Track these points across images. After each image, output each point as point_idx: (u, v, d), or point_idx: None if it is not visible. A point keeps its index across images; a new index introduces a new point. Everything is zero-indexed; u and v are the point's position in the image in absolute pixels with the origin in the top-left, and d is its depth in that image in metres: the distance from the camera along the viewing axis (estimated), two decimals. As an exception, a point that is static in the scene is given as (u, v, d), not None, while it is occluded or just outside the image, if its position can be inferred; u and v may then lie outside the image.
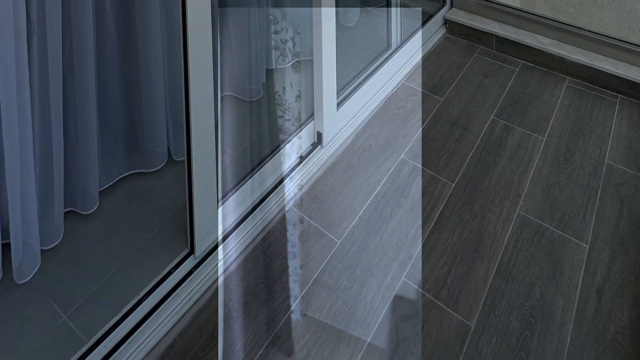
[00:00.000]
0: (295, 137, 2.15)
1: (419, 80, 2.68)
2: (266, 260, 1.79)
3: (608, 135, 2.31)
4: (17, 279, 1.63)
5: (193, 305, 1.63)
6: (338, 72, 2.28)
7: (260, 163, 2.00)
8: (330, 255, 1.80)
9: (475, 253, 1.80)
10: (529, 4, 3.46)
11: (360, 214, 1.94)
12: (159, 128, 2.07)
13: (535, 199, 1.99)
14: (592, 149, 2.23)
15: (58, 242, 1.77)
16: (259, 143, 2.22)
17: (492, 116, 2.42)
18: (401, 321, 1.60)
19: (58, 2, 1.65)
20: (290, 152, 2.11)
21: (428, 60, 2.85)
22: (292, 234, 1.89)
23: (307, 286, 1.70)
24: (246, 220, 1.85)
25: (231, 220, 1.83)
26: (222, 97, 2.39)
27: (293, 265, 1.78)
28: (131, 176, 2.04)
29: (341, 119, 2.31)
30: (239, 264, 1.77)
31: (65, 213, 1.83)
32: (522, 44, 2.82)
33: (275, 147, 2.09)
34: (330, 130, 2.25)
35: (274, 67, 2.59)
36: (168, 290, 1.62)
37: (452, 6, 3.22)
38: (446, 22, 3.13)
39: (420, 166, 2.16)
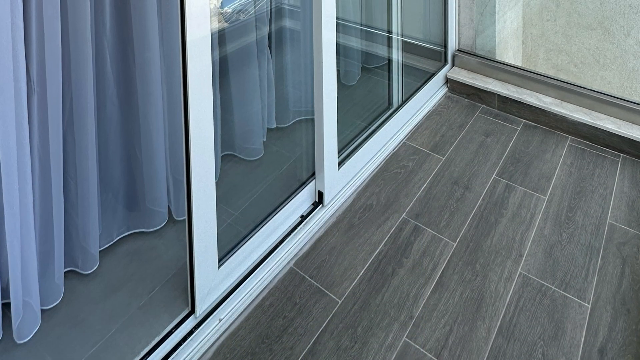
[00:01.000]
0: (296, 196, 2.26)
1: (421, 140, 2.82)
2: (267, 320, 1.87)
3: (610, 195, 2.42)
4: (17, 338, 1.70)
5: (194, 365, 1.74)
6: (339, 131, 2.40)
7: (261, 222, 2.10)
8: (331, 315, 1.88)
9: (477, 313, 1.89)
10: (531, 62, 3.66)
11: (361, 274, 2.04)
12: (159, 187, 2.18)
13: (537, 259, 2.09)
14: (594, 208, 2.33)
15: (58, 301, 1.85)
16: (259, 202, 2.32)
17: (493, 175, 2.54)
18: (403, 381, 1.70)
19: (58, 62, 1.75)
20: (291, 211, 2.22)
21: (429, 119, 3.01)
22: (293, 293, 2.01)
23: (308, 346, 1.79)
24: (247, 280, 1.94)
25: (232, 280, 1.92)
26: (222, 156, 2.51)
27: (294, 325, 1.90)
28: (131, 235, 2.15)
29: (342, 178, 2.44)
30: (239, 324, 1.85)
31: (65, 272, 1.92)
32: (524, 103, 2.98)
33: (276, 206, 2.19)
34: (332, 190, 2.36)
35: (274, 126, 2.74)
36: (168, 350, 1.70)
37: (453, 65, 3.40)
38: (448, 81, 3.31)
39: (422, 225, 2.27)
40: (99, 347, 1.71)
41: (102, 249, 2.06)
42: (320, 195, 2.33)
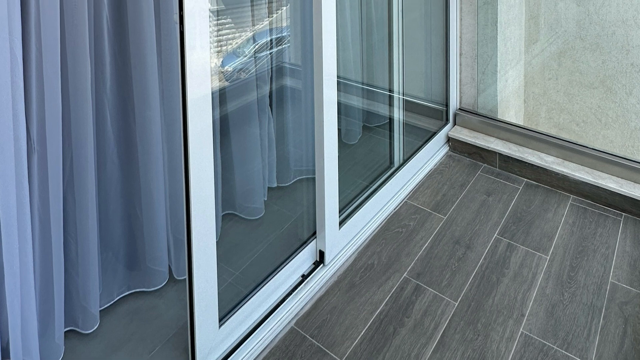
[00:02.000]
0: (297, 256, 2.35)
1: (422, 199, 2.95)
2: (268, 379, 2.00)
3: (612, 254, 2.52)
4: (17, 398, 1.77)
5: None
6: (340, 190, 2.51)
7: (262, 282, 2.18)
8: (332, 375, 2.01)
9: (479, 373, 2.03)
10: (532, 121, 3.81)
11: (362, 333, 2.12)
12: (159, 246, 2.27)
13: (538, 318, 2.19)
14: (596, 268, 2.44)
15: (58, 361, 1.94)
16: (260, 261, 2.41)
17: (495, 234, 2.65)
18: None
19: (58, 121, 1.83)
20: (292, 270, 2.31)
21: (431, 178, 3.14)
22: (295, 353, 2.08)
23: (309, 406, 1.90)
24: (248, 339, 2.01)
25: (233, 339, 1.98)
26: (223, 215, 2.60)
27: (295, 385, 1.98)
28: (132, 295, 2.23)
29: (343, 237, 2.54)
30: (240, 383, 1.98)
31: (65, 332, 1.99)
32: (526, 162, 3.12)
33: (277, 266, 2.28)
34: (333, 249, 2.46)
35: (275, 185, 2.85)
36: (169, 410, 1.82)
37: (455, 124, 3.57)
38: (449, 140, 3.47)
39: (423, 285, 2.36)
40: (100, 407, 1.82)
41: (102, 308, 2.14)
42: (322, 254, 2.43)
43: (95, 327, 2.06)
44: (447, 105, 3.57)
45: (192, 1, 1.75)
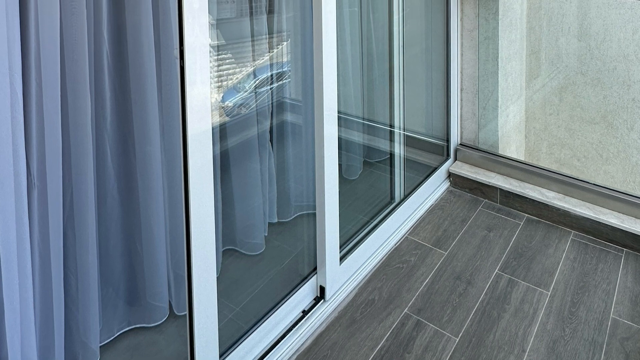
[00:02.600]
0: (298, 291, 2.40)
1: (423, 234, 3.02)
2: (268, 415, 2.05)
3: (613, 290, 2.57)
4: None
5: None
6: (341, 225, 2.56)
7: (262, 317, 2.22)
8: (332, 411, 2.07)
9: (480, 409, 2.08)
10: (533, 157, 3.89)
11: None
12: (160, 282, 2.30)
13: (539, 354, 2.22)
14: (597, 303, 2.49)
15: (59, 397, 1.95)
16: (261, 297, 2.45)
17: (496, 270, 2.71)
18: None
19: (58, 156, 1.86)
20: (293, 306, 2.35)
21: (432, 214, 3.22)
22: (294, 389, 2.15)
23: None
24: None
25: None
26: (224, 251, 2.64)
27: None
28: (132, 330, 2.26)
29: (344, 273, 2.59)
30: (241, 419, 2.03)
31: None
32: (527, 198, 3.19)
33: (278, 301, 2.32)
34: (333, 285, 2.51)
35: (276, 221, 2.89)
36: None
37: (456, 159, 3.65)
38: (450, 175, 3.56)
39: (424, 320, 2.40)
40: None
41: (102, 344, 2.16)
42: (322, 290, 2.48)
43: (95, 363, 2.10)
44: (448, 140, 3.66)
45: (193, 36, 1.80)
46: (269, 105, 2.90)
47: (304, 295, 2.44)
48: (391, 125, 3.37)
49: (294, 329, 2.31)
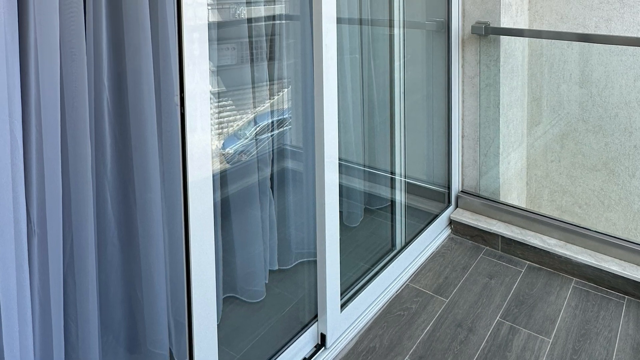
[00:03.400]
0: (299, 339, 2.45)
1: (424, 281, 3.09)
2: None
3: (615, 337, 2.63)
4: None
5: None
6: (342, 273, 2.62)
7: None
8: None
9: None
10: (535, 204, 3.98)
11: None
12: (160, 329, 2.31)
13: None
14: (598, 351, 2.54)
15: None
16: (261, 344, 2.49)
17: (497, 317, 2.77)
18: None
19: (58, 203, 1.89)
20: (294, 354, 2.40)
21: (433, 261, 3.29)
22: None
23: None
24: None
25: None
26: (224, 298, 2.67)
27: None
28: None
29: (345, 320, 2.64)
30: None
31: None
32: (528, 245, 3.27)
33: (279, 349, 2.38)
34: (334, 332, 2.56)
35: (277, 268, 2.92)
36: None
37: (457, 206, 3.74)
38: (451, 222, 3.64)
39: None
40: None
41: None
42: (323, 337, 2.53)
43: (96, 411, 2.11)
44: (449, 187, 3.74)
45: (193, 83, 1.87)
46: (269, 152, 2.97)
47: (305, 342, 2.49)
48: (392, 173, 3.46)
49: (295, 377, 2.35)
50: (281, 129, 3.17)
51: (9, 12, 1.65)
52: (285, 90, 3.14)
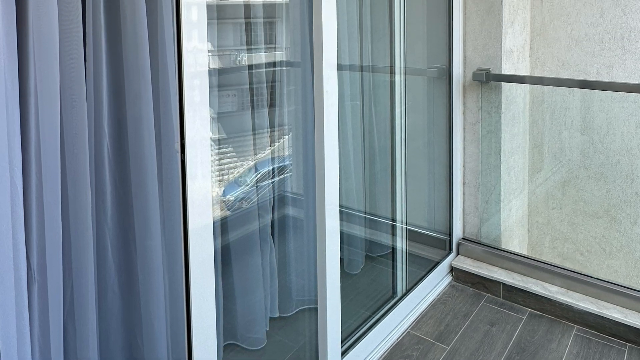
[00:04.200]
0: None
1: (425, 329, 3.13)
2: None
3: None
4: None
5: None
6: (342, 320, 2.65)
7: None
8: None
9: None
10: (536, 251, 4.03)
11: None
12: None
13: None
14: None
15: None
16: None
17: None
18: None
19: (59, 250, 1.90)
20: None
21: (434, 308, 3.34)
22: None
23: None
24: None
25: None
26: (225, 346, 2.70)
27: None
28: None
29: None
30: None
31: None
32: (530, 292, 3.32)
33: None
34: None
35: (277, 315, 2.95)
36: None
37: (458, 253, 3.80)
38: (452, 269, 3.70)
39: None
40: None
41: None
42: None
43: None
44: (450, 234, 3.81)
45: (194, 130, 1.93)
46: (270, 199, 3.02)
47: (306, 389, 2.50)
48: (393, 219, 3.52)
49: None
50: (282, 176, 3.23)
51: (9, 58, 1.68)
52: (286, 137, 3.20)
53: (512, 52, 3.87)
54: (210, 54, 2.59)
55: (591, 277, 3.30)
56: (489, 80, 3.76)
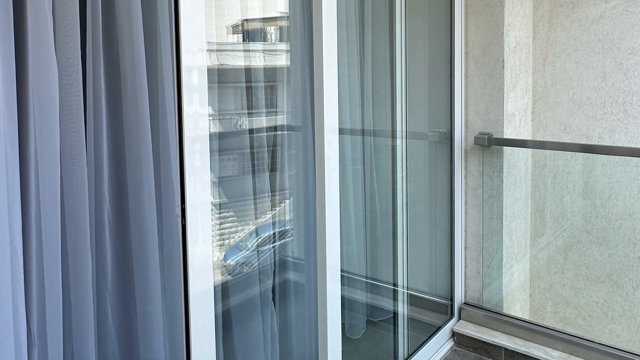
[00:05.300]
0: None
1: None
2: None
3: None
4: None
5: None
6: None
7: None
8: None
9: None
10: (538, 316, 4.06)
11: None
12: None
13: None
14: None
15: None
16: None
17: None
18: None
19: (59, 315, 1.93)
20: None
21: None
22: None
23: None
24: None
25: None
26: None
27: None
28: None
29: None
30: None
31: None
32: (532, 357, 3.35)
33: None
34: None
35: None
36: None
37: (460, 318, 3.84)
38: (454, 334, 3.74)
39: None
40: None
41: None
42: None
43: None
44: (452, 299, 3.85)
45: (194, 194, 1.98)
46: (271, 264, 3.04)
47: None
48: (394, 284, 3.58)
49: None
50: (283, 240, 3.26)
51: (9, 122, 1.72)
52: (287, 201, 3.24)
53: (514, 116, 3.94)
54: (211, 118, 2.58)
55: (593, 342, 3.34)
56: (490, 144, 3.84)
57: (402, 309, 3.60)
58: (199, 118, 2.07)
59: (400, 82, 3.64)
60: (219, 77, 2.77)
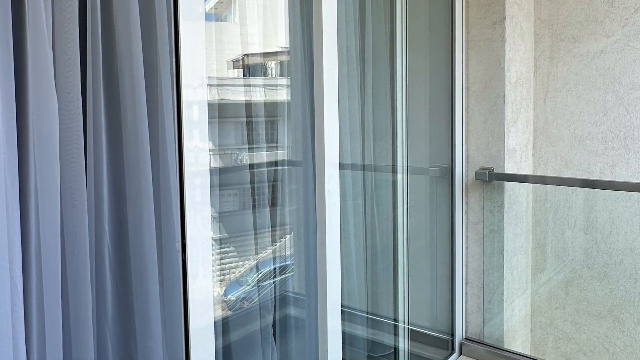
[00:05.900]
0: None
1: None
2: None
3: None
4: None
5: None
6: None
7: None
8: None
9: None
10: (539, 351, 4.07)
11: None
12: None
13: None
14: None
15: None
16: None
17: None
18: None
19: (59, 350, 1.93)
20: None
21: None
22: None
23: None
24: None
25: None
26: None
27: None
28: None
29: None
30: None
31: None
32: None
33: None
34: None
35: None
36: None
37: (460, 354, 3.85)
38: None
39: None
40: None
41: None
42: None
43: None
44: (452, 334, 3.86)
45: (195, 229, 1.99)
46: (271, 299, 3.07)
47: None
48: (395, 319, 3.59)
49: None
50: (283, 276, 3.28)
51: (9, 157, 1.73)
52: (288, 236, 3.25)
53: (515, 151, 3.98)
54: (211, 153, 2.61)
55: (595, 377, 3.32)
56: (491, 179, 3.87)
57: (403, 344, 3.61)
58: (199, 153, 2.09)
59: (401, 117, 3.68)
60: (219, 112, 2.81)
